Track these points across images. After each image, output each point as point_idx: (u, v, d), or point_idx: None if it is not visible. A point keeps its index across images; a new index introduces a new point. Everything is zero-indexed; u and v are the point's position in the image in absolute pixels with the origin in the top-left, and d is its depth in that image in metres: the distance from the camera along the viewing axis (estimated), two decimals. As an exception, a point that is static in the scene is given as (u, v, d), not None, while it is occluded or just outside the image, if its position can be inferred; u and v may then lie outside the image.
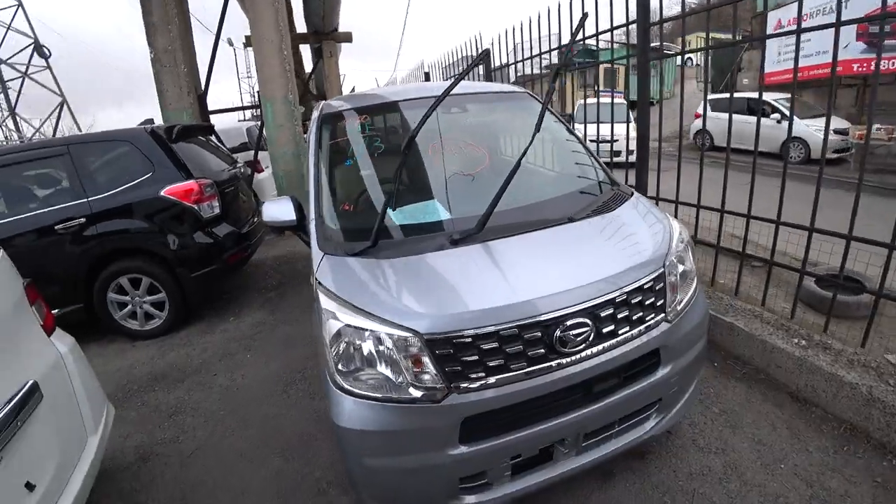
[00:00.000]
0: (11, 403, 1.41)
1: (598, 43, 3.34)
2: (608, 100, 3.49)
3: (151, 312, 3.38)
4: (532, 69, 4.05)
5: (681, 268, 1.57)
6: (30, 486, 1.41)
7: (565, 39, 3.21)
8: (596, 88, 4.45)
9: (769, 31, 9.67)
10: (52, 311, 3.22)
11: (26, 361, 1.60)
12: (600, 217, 1.69)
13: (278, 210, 1.92)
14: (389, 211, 1.75)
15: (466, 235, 1.51)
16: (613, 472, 1.78)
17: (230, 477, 2.02)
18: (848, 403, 1.92)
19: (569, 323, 1.28)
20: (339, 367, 1.29)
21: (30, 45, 28.41)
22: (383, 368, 1.26)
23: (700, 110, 9.33)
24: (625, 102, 4.66)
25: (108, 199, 3.10)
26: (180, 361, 3.10)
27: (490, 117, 2.32)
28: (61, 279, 3.11)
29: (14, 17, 27.82)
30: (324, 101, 2.30)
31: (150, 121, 4.11)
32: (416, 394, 1.25)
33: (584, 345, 1.30)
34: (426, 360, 1.23)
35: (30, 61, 28.73)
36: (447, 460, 1.26)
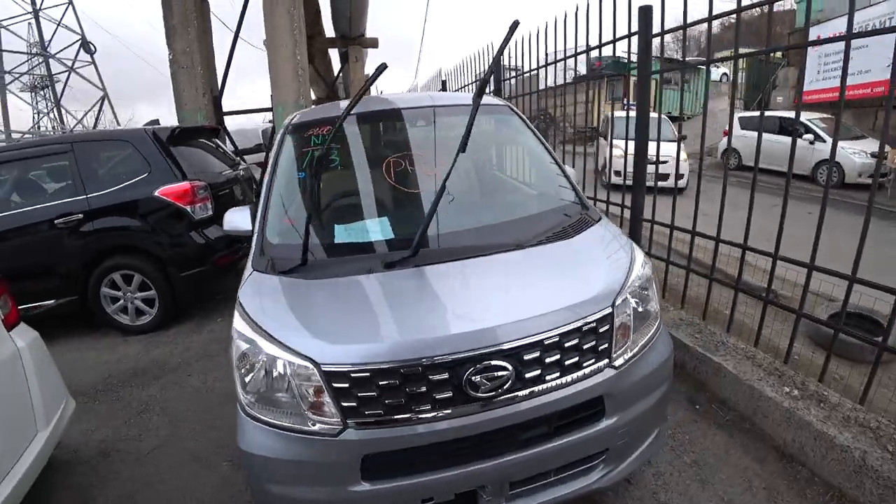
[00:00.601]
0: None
1: (629, 54, 3.13)
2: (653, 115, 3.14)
3: (142, 308, 3.51)
4: (535, 82, 3.96)
5: (637, 307, 1.45)
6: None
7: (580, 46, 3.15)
8: (625, 101, 4.29)
9: (810, 48, 9.16)
10: (48, 302, 3.40)
11: (-24, 355, 1.66)
12: (553, 245, 1.61)
13: (239, 219, 1.94)
14: (336, 228, 1.75)
15: (401, 259, 1.48)
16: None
17: (178, 479, 2.05)
18: (838, 467, 1.74)
19: (482, 365, 1.20)
20: (244, 390, 1.28)
21: (77, 41, 30.77)
22: (284, 396, 1.23)
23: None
24: (665, 118, 4.44)
25: (106, 197, 3.26)
26: (162, 359, 3.19)
27: (461, 131, 2.24)
28: (59, 271, 3.29)
29: (64, 14, 30.18)
30: (298, 112, 2.30)
31: (156, 121, 4.31)
32: (314, 426, 1.21)
33: (500, 390, 1.22)
34: (325, 391, 1.19)
35: (76, 56, 31.30)
36: (350, 496, 1.22)
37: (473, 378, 1.18)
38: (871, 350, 1.90)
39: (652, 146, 2.83)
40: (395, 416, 1.19)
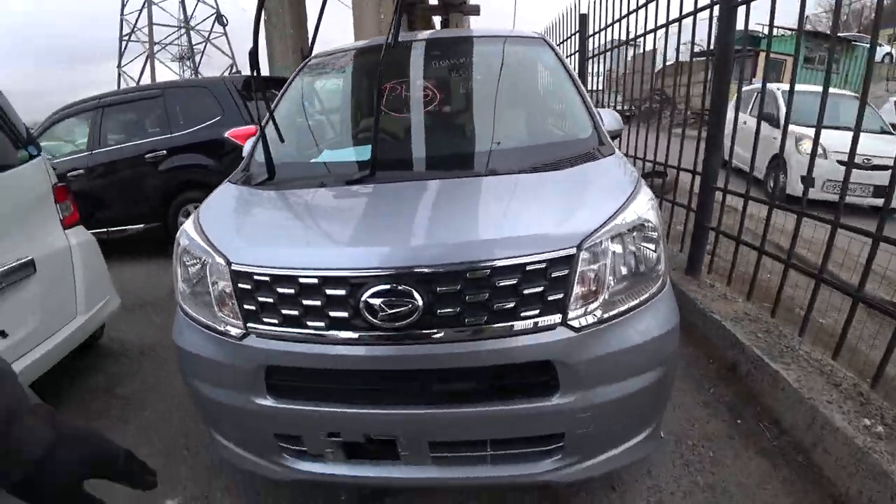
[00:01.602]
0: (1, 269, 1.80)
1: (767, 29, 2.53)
2: (841, 92, 2.54)
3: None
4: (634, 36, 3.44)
5: (623, 258, 1.16)
6: (3, 334, 1.80)
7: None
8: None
9: None
10: (138, 226, 4.04)
11: (32, 242, 2.02)
12: (538, 175, 1.38)
13: (249, 144, 2.05)
14: (325, 150, 1.77)
15: (360, 177, 1.45)
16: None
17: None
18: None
19: (382, 288, 1.06)
20: (179, 284, 1.34)
21: (212, 14, 36.12)
22: (205, 294, 1.25)
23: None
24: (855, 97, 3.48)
25: (185, 137, 3.74)
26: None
27: (483, 62, 2.08)
28: (146, 200, 3.89)
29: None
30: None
31: (238, 72, 4.76)
32: (223, 327, 1.21)
33: (405, 322, 1.07)
34: (232, 292, 1.18)
35: (212, 28, 36.89)
36: (256, 408, 1.20)
37: (371, 301, 1.06)
38: None
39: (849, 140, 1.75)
40: (291, 329, 1.13)
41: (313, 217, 1.34)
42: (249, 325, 1.16)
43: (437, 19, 10.94)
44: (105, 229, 4.03)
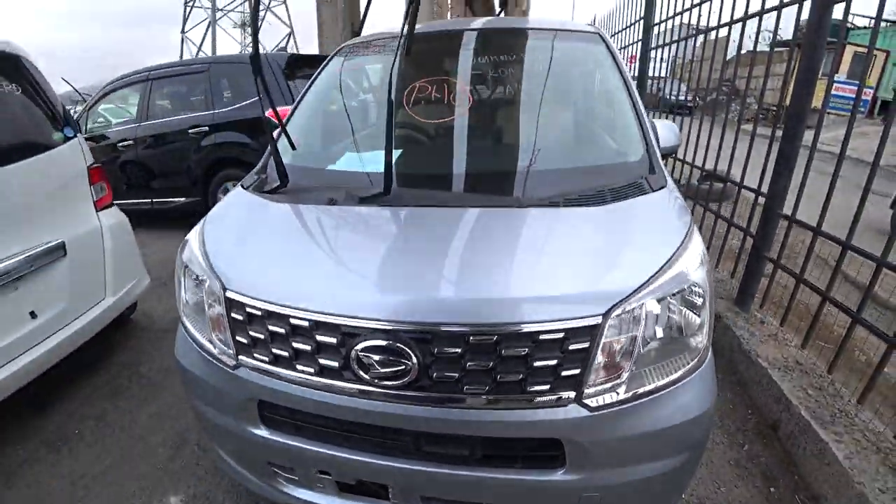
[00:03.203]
0: (30, 253, 1.90)
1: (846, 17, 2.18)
2: None
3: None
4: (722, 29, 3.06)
5: (650, 322, 1.00)
6: (33, 315, 1.92)
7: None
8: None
9: None
10: (180, 199, 4.20)
11: (64, 224, 2.12)
12: (572, 210, 1.22)
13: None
14: (346, 155, 1.71)
15: (373, 195, 1.34)
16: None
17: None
18: None
19: (375, 344, 0.98)
20: (181, 297, 1.32)
21: None
22: (202, 312, 1.23)
23: None
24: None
25: (227, 114, 3.79)
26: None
27: (528, 61, 1.87)
28: (188, 174, 4.01)
29: (262, -44, 36.77)
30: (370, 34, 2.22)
31: (284, 49, 4.74)
32: (216, 351, 1.19)
33: (399, 381, 0.99)
34: (225, 318, 1.15)
35: None
36: (250, 436, 1.19)
37: (361, 355, 0.99)
38: None
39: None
40: (282, 370, 1.09)
41: (316, 244, 1.26)
42: (241, 357, 1.14)
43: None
44: (150, 200, 4.24)
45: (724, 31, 2.69)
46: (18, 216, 1.93)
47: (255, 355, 1.12)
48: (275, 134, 1.64)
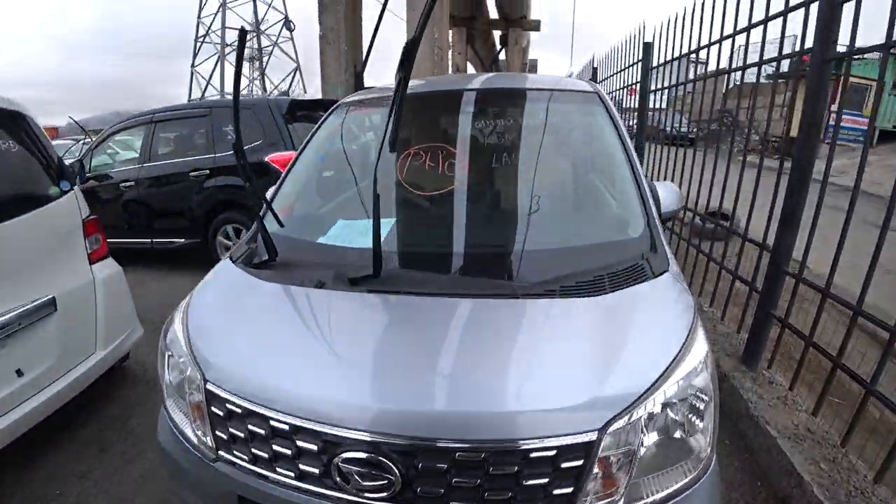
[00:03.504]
0: (19, 311, 1.88)
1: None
2: None
3: (245, 259, 4.08)
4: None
5: (650, 431, 0.94)
6: (19, 373, 1.88)
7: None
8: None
9: None
10: (180, 240, 4.21)
11: (56, 279, 2.10)
12: (567, 301, 1.15)
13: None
14: (337, 225, 1.64)
15: (365, 277, 1.26)
16: None
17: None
18: None
19: (355, 456, 0.93)
20: (164, 376, 1.28)
21: (281, 19, 39.19)
22: (182, 396, 1.19)
23: None
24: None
25: (227, 157, 3.82)
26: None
27: (525, 125, 1.84)
28: (188, 216, 4.05)
29: (275, -4, 38.29)
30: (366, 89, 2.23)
31: (286, 93, 4.85)
32: (196, 440, 1.15)
33: (382, 494, 0.93)
34: (204, 410, 1.11)
35: (280, 33, 40.43)
36: None
37: (341, 466, 0.94)
38: None
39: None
40: (261, 471, 1.03)
41: (301, 336, 1.20)
42: (220, 451, 1.09)
43: (496, 34, 10.76)
44: (150, 240, 4.26)
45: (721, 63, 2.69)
46: (12, 272, 1.92)
47: (235, 452, 1.07)
48: (265, 203, 1.58)
